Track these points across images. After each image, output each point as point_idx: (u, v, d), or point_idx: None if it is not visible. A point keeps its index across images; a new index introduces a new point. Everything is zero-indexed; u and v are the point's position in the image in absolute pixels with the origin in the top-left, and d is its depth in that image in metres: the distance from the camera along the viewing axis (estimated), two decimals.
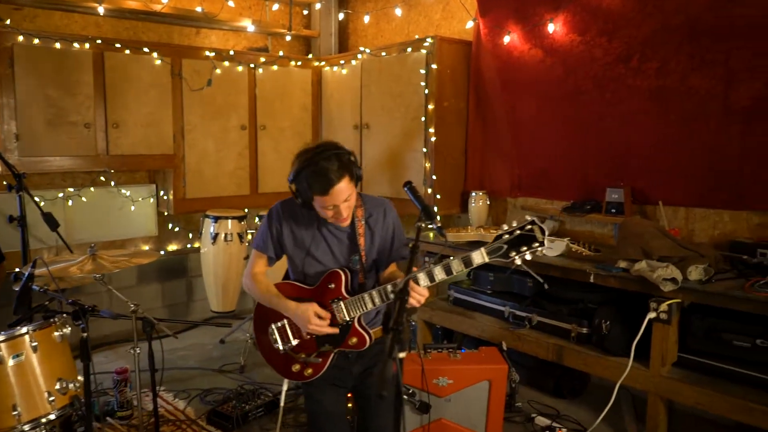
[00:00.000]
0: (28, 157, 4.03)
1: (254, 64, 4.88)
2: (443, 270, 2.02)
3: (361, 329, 2.16)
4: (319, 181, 1.97)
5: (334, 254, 2.20)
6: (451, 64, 4.29)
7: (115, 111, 4.30)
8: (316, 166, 1.98)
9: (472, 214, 4.32)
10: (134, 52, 4.34)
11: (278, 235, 2.23)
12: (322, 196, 1.99)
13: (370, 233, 2.23)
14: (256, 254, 2.29)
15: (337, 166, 1.98)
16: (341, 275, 2.16)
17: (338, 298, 2.15)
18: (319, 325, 2.11)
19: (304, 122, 5.26)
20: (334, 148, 2.04)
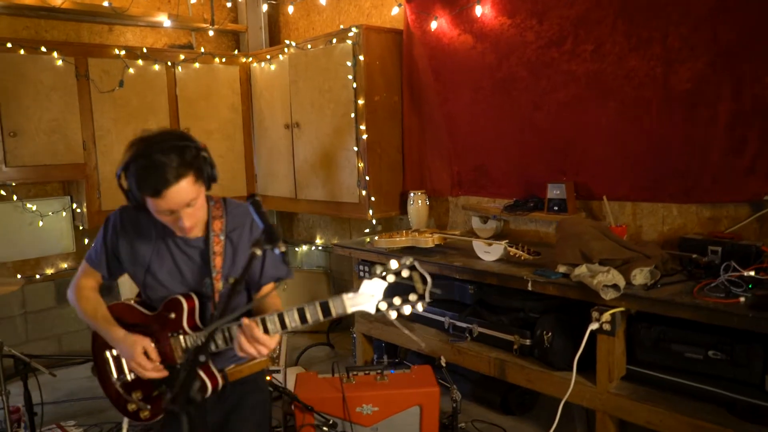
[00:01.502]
0: None
1: (172, 62, 4.48)
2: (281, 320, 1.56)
3: (203, 373, 1.72)
4: (151, 179, 1.55)
5: (182, 275, 1.78)
6: (381, 54, 3.95)
7: (12, 118, 3.88)
8: (148, 159, 1.55)
9: (411, 215, 3.99)
10: (30, 52, 3.91)
11: (113, 249, 1.81)
12: (154, 198, 1.57)
13: (231, 250, 1.78)
14: (87, 269, 1.87)
15: (177, 162, 1.56)
16: (183, 303, 1.73)
17: (178, 332, 1.74)
18: (143, 367, 1.70)
19: (233, 123, 4.88)
20: (178, 138, 1.63)
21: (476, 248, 3.27)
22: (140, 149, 1.59)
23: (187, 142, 1.64)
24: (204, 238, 1.77)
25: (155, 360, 1.72)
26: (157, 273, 1.78)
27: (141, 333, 1.75)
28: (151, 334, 1.75)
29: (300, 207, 4.64)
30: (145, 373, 1.71)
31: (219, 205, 1.82)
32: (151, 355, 1.72)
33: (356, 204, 4.09)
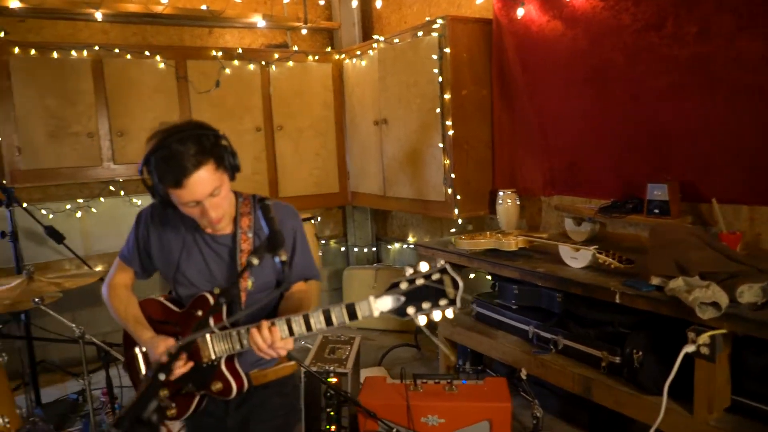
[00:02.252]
0: (34, 169, 3.95)
1: (266, 62, 4.58)
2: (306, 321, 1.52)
3: (228, 373, 1.69)
4: (171, 168, 1.52)
5: (211, 273, 1.75)
6: (468, 46, 3.75)
7: (119, 118, 4.15)
8: (166, 149, 1.53)
9: (500, 216, 3.77)
10: (135, 57, 4.16)
11: (145, 244, 1.80)
12: (176, 189, 1.54)
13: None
14: (120, 265, 1.87)
15: (195, 149, 1.53)
16: (210, 301, 1.71)
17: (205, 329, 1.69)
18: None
19: (326, 120, 4.90)
20: (195, 127, 1.60)
21: (562, 253, 3.01)
22: (158, 141, 1.56)
23: (204, 130, 1.60)
24: (232, 236, 1.76)
25: (180, 358, 1.66)
26: (186, 270, 1.76)
27: (168, 330, 1.74)
28: (178, 331, 1.74)
29: (389, 204, 4.57)
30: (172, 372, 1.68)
31: (248, 202, 1.79)
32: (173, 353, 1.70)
33: (442, 202, 3.94)
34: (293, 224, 1.81)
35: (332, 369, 2.83)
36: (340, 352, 3.04)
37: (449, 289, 1.39)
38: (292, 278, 1.79)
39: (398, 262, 5.27)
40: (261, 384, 1.81)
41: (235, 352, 1.65)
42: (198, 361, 1.68)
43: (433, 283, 1.39)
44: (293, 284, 1.80)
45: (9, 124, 3.85)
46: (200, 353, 1.68)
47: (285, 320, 1.54)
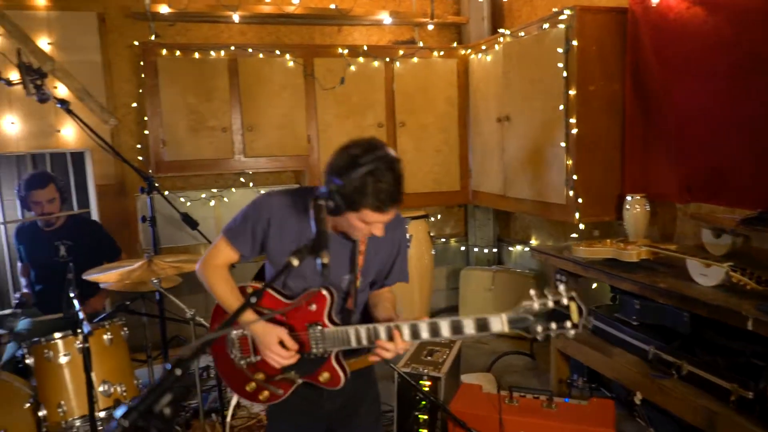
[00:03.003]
0: (176, 160, 4.32)
1: (391, 58, 4.60)
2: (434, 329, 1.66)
3: (337, 365, 1.79)
4: (383, 197, 1.59)
5: (332, 266, 1.72)
6: (598, 37, 3.47)
7: (250, 114, 4.40)
8: (380, 178, 1.57)
9: (627, 222, 3.45)
10: (267, 56, 4.38)
11: (263, 234, 1.80)
12: (375, 212, 1.62)
13: (373, 251, 1.85)
14: (226, 246, 1.83)
15: (401, 185, 1.63)
16: (327, 298, 1.77)
17: (317, 323, 1.78)
18: (281, 357, 1.75)
19: (449, 117, 4.82)
20: (396, 159, 1.63)
21: (691, 268, 2.68)
22: (370, 164, 1.58)
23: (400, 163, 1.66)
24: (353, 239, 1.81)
25: (292, 350, 1.76)
26: (305, 265, 1.74)
27: (274, 320, 1.79)
28: (284, 322, 1.79)
29: (509, 205, 4.39)
30: (280, 361, 1.76)
31: None
32: (288, 345, 1.76)
33: (563, 205, 3.70)
34: (401, 231, 1.92)
35: (426, 372, 2.77)
36: (437, 355, 2.97)
37: (575, 314, 1.58)
38: (389, 282, 1.94)
39: (519, 265, 5.05)
40: (351, 371, 1.86)
41: (348, 348, 1.75)
42: (305, 353, 1.78)
43: (561, 307, 1.58)
44: (388, 285, 1.95)
45: (156, 118, 4.24)
46: (308, 345, 1.77)
47: (410, 326, 1.67)
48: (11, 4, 4.21)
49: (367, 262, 1.84)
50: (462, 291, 4.94)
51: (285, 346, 1.76)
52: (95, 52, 4.39)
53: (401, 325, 1.67)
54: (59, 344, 2.42)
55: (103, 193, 4.45)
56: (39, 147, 4.32)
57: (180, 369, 0.93)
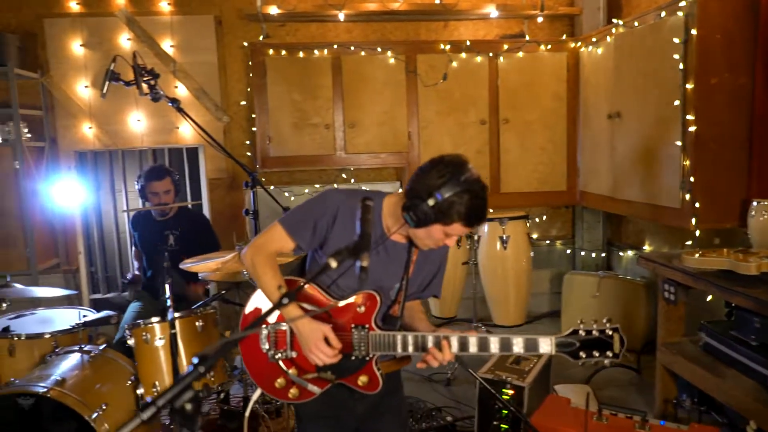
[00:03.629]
0: (280, 156, 4.49)
1: (495, 53, 4.46)
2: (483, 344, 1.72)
3: (376, 370, 1.79)
4: (476, 214, 1.66)
5: (378, 273, 1.78)
6: (723, 25, 3.13)
7: (351, 111, 4.46)
8: (476, 195, 1.64)
9: (752, 230, 3.10)
10: (369, 54, 4.41)
11: (325, 229, 1.77)
12: (465, 227, 1.68)
13: (422, 262, 1.87)
14: (283, 235, 1.79)
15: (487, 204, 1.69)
16: (377, 301, 1.78)
17: (363, 326, 1.77)
18: (324, 353, 1.73)
19: (556, 113, 4.60)
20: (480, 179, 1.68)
21: None
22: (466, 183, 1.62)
23: None
24: (408, 246, 1.83)
25: (336, 348, 1.74)
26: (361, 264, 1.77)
27: (318, 317, 1.77)
28: (328, 321, 1.78)
29: (618, 207, 4.11)
30: (323, 359, 1.73)
31: None
32: (333, 343, 1.74)
33: (677, 210, 3.39)
34: (446, 248, 1.88)
35: (509, 380, 2.65)
36: (524, 364, 2.83)
37: (616, 345, 1.68)
38: (425, 294, 1.95)
39: (630, 272, 4.71)
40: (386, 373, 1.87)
41: (392, 354, 1.78)
42: (347, 354, 1.77)
43: (604, 336, 1.68)
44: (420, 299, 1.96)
45: (263, 115, 4.43)
46: (351, 346, 1.77)
47: (458, 338, 1.71)
48: (140, 11, 4.58)
49: (416, 272, 1.86)
50: (565, 296, 4.69)
51: (329, 344, 1.74)
52: (212, 53, 4.66)
53: (451, 337, 1.71)
54: (156, 328, 2.59)
55: (215, 187, 4.73)
56: (160, 142, 4.67)
57: (204, 366, 0.93)
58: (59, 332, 2.88)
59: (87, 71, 4.59)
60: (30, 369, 2.78)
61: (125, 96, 4.50)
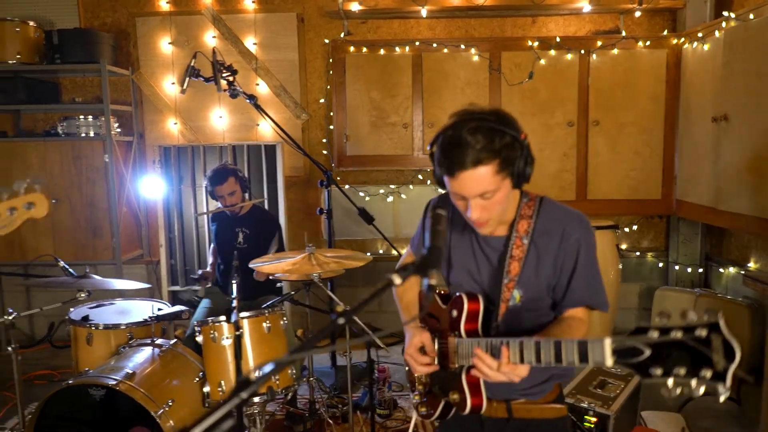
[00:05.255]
0: (356, 155, 4.41)
1: (587, 50, 4.18)
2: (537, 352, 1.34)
3: (467, 386, 1.54)
4: (451, 156, 1.40)
5: (480, 274, 1.61)
6: None
7: (431, 110, 4.32)
8: (455, 135, 1.40)
9: None
10: (451, 51, 4.25)
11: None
12: (448, 177, 1.44)
13: (535, 257, 1.55)
14: (408, 251, 1.89)
15: (483, 145, 1.37)
16: (465, 303, 1.56)
17: (456, 332, 1.58)
18: (416, 360, 1.62)
19: (653, 115, 4.25)
20: (497, 121, 1.42)
21: None
22: (453, 123, 1.44)
23: (506, 127, 1.42)
24: (505, 239, 1.58)
25: (430, 356, 1.63)
26: (454, 266, 1.67)
27: (433, 324, 1.68)
28: (438, 327, 1.66)
29: (720, 219, 3.73)
30: (416, 367, 1.64)
31: (532, 204, 1.58)
32: (428, 350, 1.64)
33: None
34: (579, 236, 1.55)
35: (593, 407, 2.42)
36: (610, 388, 2.59)
37: (718, 356, 0.99)
38: (567, 302, 1.56)
39: (731, 290, 4.29)
40: (522, 418, 1.63)
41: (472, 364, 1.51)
42: (445, 365, 1.61)
43: (697, 343, 1.01)
44: (570, 308, 1.57)
45: (341, 114, 4.37)
46: (449, 357, 1.60)
47: (518, 343, 1.37)
48: (226, 9, 4.64)
49: (526, 271, 1.55)
50: (655, 313, 4.33)
51: (424, 352, 1.63)
52: (293, 50, 4.65)
53: (513, 342, 1.38)
54: (223, 327, 2.56)
55: (291, 184, 4.72)
56: (240, 139, 4.71)
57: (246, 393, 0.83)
58: (134, 324, 2.92)
59: (174, 68, 4.70)
60: (105, 358, 2.83)
61: (209, 93, 4.58)
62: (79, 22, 4.69)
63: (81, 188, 4.41)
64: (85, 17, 4.71)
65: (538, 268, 1.55)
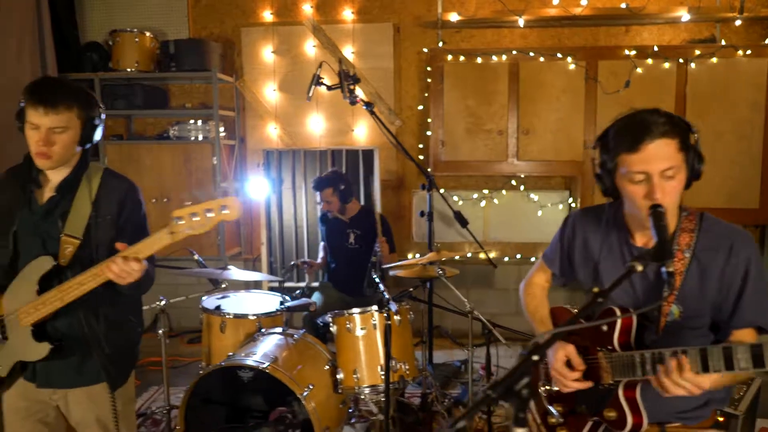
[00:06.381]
0: (451, 160, 4.56)
1: (685, 59, 4.21)
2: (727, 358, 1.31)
3: (626, 404, 1.52)
4: (633, 130, 1.45)
5: (634, 289, 1.59)
6: None
7: (527, 118, 4.42)
8: (632, 117, 1.50)
9: None
10: (548, 60, 4.35)
11: (569, 247, 1.77)
12: (630, 153, 1.45)
13: (698, 272, 1.53)
14: (541, 264, 1.91)
15: (664, 120, 1.44)
16: (618, 317, 1.56)
17: (607, 347, 1.57)
18: (563, 376, 1.58)
19: (752, 124, 4.25)
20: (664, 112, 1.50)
21: None
22: (625, 114, 1.55)
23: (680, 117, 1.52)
24: None
25: (578, 370, 1.59)
26: (605, 281, 1.65)
27: (574, 341, 1.64)
28: (582, 344, 1.64)
29: None
30: (565, 382, 1.59)
31: (692, 218, 1.59)
32: (575, 364, 1.60)
33: None
34: (748, 254, 1.52)
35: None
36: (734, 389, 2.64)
37: None
38: (736, 323, 1.52)
39: None
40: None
41: (635, 379, 1.50)
42: (596, 382, 1.58)
43: None
44: (737, 330, 1.52)
45: (438, 120, 4.52)
46: (599, 373, 1.57)
47: (699, 350, 1.34)
48: (326, 20, 4.86)
49: (687, 285, 1.53)
50: None
51: (571, 366, 1.59)
52: (389, 59, 4.84)
53: (692, 350, 1.34)
54: (358, 318, 2.73)
55: (384, 188, 4.90)
56: (335, 144, 4.92)
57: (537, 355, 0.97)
58: (263, 314, 3.13)
59: (275, 76, 4.95)
60: (235, 346, 3.04)
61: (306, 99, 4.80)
62: (188, 32, 5.00)
63: (190, 188, 4.69)
64: (194, 28, 5.02)
65: (702, 283, 1.52)
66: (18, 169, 1.90)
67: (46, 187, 1.86)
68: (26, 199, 1.84)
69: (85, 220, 1.80)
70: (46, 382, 1.85)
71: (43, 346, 1.74)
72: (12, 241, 1.81)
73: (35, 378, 1.84)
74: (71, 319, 1.76)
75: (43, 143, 1.75)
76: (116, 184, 1.92)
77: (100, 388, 1.84)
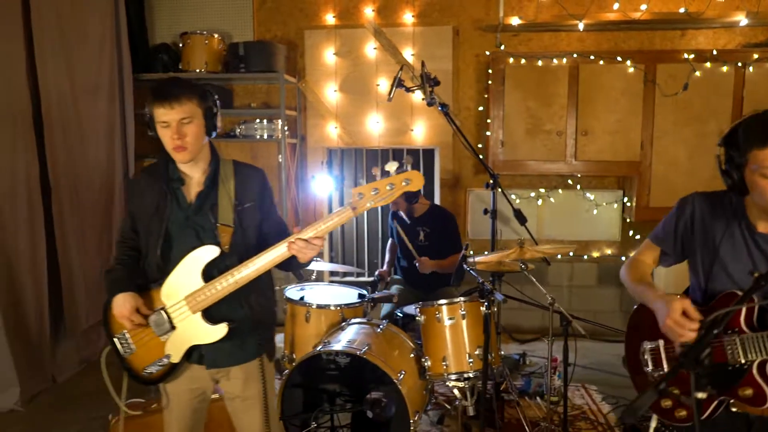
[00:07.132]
0: (510, 160, 4.70)
1: (743, 63, 4.32)
2: None
3: (762, 380, 1.61)
4: (764, 127, 1.55)
5: (756, 269, 1.67)
6: None
7: (585, 119, 4.55)
8: (763, 115, 1.60)
9: None
10: (608, 63, 4.48)
11: (685, 230, 1.80)
12: (761, 149, 1.54)
13: None
14: (648, 244, 1.95)
15: None
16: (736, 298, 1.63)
17: (733, 329, 1.65)
18: (680, 325, 1.61)
19: None
20: None
21: None
22: (754, 113, 1.65)
23: None
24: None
25: (695, 320, 1.61)
26: (728, 265, 1.71)
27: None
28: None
29: None
30: (681, 332, 1.61)
31: None
32: (692, 315, 1.62)
33: None
34: None
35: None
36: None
37: None
38: None
39: None
40: None
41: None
42: (721, 363, 1.63)
43: None
44: None
45: (498, 121, 4.67)
46: (723, 354, 1.64)
47: None
48: (386, 23, 5.03)
49: None
50: None
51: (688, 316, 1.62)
52: (447, 61, 4.99)
53: None
54: (445, 309, 2.90)
55: (441, 186, 5.05)
56: (393, 143, 5.08)
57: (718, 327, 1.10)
58: (345, 305, 3.30)
59: (336, 77, 5.13)
60: (318, 335, 3.21)
61: (366, 100, 4.99)
62: (252, 34, 5.19)
63: None
64: (258, 30, 5.21)
65: None
66: (153, 170, 2.06)
67: (190, 183, 2.04)
68: (173, 196, 2.00)
69: (230, 208, 1.97)
70: (213, 363, 2.02)
71: (220, 328, 1.91)
72: (164, 237, 1.97)
73: (202, 360, 2.01)
74: (232, 300, 1.94)
75: (178, 136, 1.88)
76: (251, 173, 2.09)
77: (255, 362, 2.03)
